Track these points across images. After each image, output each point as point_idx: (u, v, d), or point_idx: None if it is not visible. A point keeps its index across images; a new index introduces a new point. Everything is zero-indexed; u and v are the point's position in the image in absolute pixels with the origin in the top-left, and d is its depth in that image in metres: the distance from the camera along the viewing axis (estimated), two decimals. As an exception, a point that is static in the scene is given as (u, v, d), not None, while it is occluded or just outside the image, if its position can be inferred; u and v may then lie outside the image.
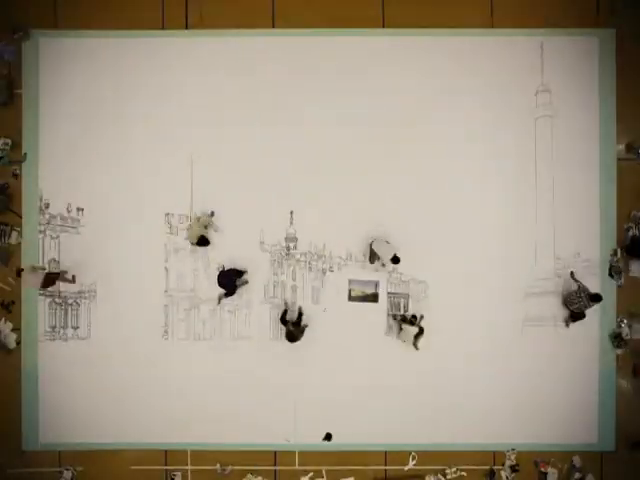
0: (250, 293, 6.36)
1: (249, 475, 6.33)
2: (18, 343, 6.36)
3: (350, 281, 6.37)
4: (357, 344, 6.34)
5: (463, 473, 6.31)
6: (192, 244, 6.25)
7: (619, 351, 6.29)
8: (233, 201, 6.35)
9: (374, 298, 6.34)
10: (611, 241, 6.31)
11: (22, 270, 6.14)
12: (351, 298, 6.36)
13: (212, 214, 6.29)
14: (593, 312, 6.21)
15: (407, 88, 6.35)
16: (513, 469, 6.27)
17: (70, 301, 6.38)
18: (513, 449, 6.29)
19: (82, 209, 6.37)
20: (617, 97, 6.30)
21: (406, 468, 6.29)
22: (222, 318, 6.39)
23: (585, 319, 6.19)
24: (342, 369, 6.29)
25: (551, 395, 6.27)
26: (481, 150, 6.34)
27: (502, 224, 6.34)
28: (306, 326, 6.15)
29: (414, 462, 6.28)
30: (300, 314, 6.27)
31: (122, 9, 6.34)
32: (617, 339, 6.25)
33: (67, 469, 6.31)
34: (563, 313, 6.28)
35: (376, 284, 6.35)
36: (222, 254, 6.34)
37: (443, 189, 6.35)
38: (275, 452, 6.35)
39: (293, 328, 6.02)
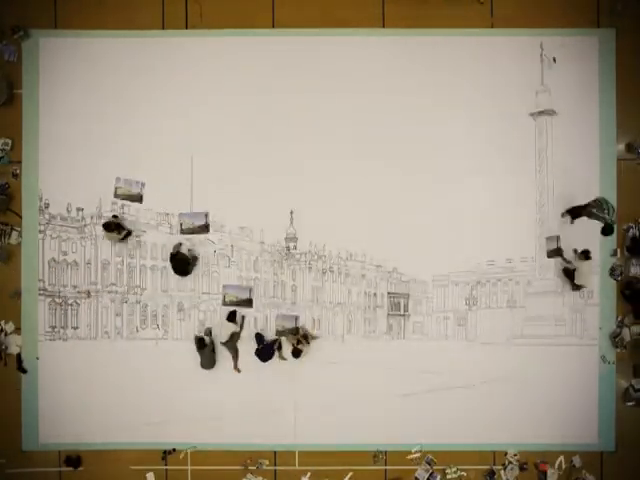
0: (250, 293, 6.38)
1: (249, 475, 6.33)
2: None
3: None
4: (357, 344, 6.35)
5: (463, 473, 6.31)
6: None
7: (619, 351, 6.30)
8: (233, 201, 6.35)
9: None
10: (611, 241, 6.31)
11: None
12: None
13: None
14: (593, 312, 6.26)
15: (407, 88, 6.34)
16: (522, 468, 6.27)
17: (70, 301, 6.39)
18: (516, 454, 6.28)
19: (82, 209, 6.38)
20: (617, 97, 6.30)
21: (410, 457, 6.28)
22: (222, 318, 6.38)
23: (585, 319, 6.24)
24: (342, 369, 6.29)
25: (551, 395, 6.27)
26: (481, 150, 6.34)
27: (502, 224, 6.34)
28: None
29: (417, 450, 6.28)
30: None
31: (122, 9, 6.34)
32: (617, 339, 6.25)
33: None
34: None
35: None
36: (222, 254, 6.39)
37: (443, 188, 6.34)
38: (275, 452, 6.35)
39: None
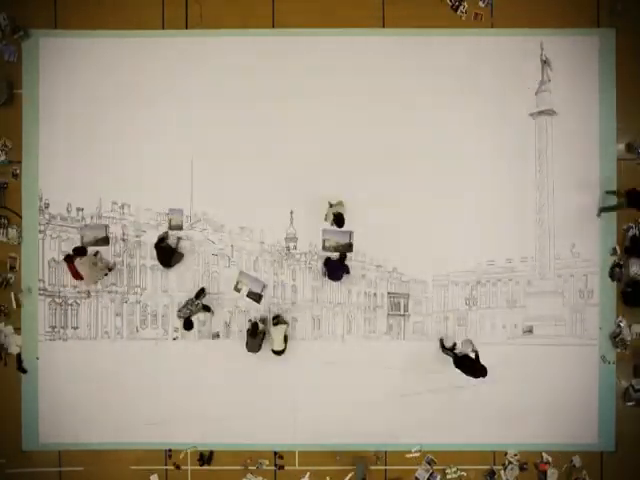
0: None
1: (249, 475, 6.33)
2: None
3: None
4: (357, 344, 6.35)
5: (463, 473, 6.31)
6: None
7: (619, 351, 6.29)
8: (233, 201, 6.36)
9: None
10: (611, 241, 6.31)
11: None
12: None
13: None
14: (593, 312, 6.27)
15: (407, 88, 6.35)
16: (522, 468, 6.28)
17: (70, 301, 6.39)
18: (516, 454, 6.29)
19: (82, 209, 6.38)
20: (617, 97, 6.30)
21: (409, 455, 6.30)
22: (223, 318, 6.39)
23: (585, 319, 6.24)
24: (342, 369, 6.29)
25: (551, 395, 6.27)
26: (481, 150, 6.34)
27: (502, 224, 6.34)
28: None
29: (417, 450, 6.29)
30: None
31: (122, 9, 6.34)
32: (617, 339, 6.25)
33: None
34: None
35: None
36: (222, 254, 6.39)
37: (443, 188, 6.34)
38: (275, 452, 6.35)
39: None
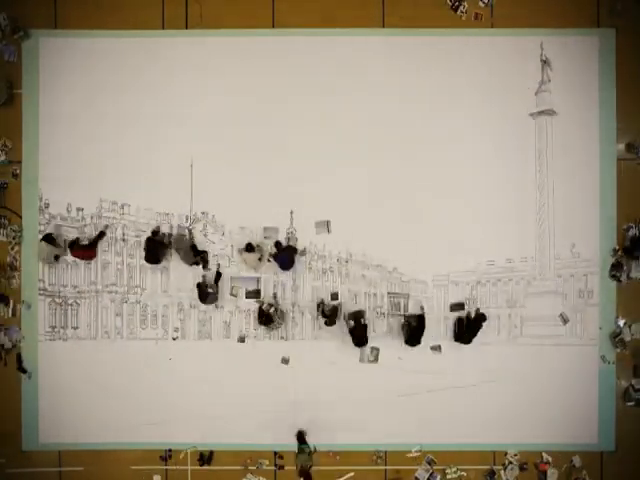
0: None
1: (249, 475, 6.33)
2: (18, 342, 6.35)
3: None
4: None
5: (463, 473, 6.31)
6: None
7: (619, 351, 6.29)
8: (233, 201, 6.35)
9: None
10: (611, 241, 6.31)
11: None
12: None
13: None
14: (593, 312, 6.27)
15: (406, 88, 6.34)
16: (522, 468, 6.27)
17: (70, 301, 6.39)
18: (516, 454, 6.28)
19: (82, 209, 6.38)
20: (617, 97, 6.29)
21: (410, 455, 6.29)
22: (222, 318, 6.39)
23: (585, 319, 6.24)
24: (342, 369, 6.29)
25: (551, 395, 6.27)
26: (481, 150, 6.34)
27: (502, 224, 6.34)
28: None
29: (417, 450, 6.28)
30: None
31: (122, 9, 6.33)
32: (617, 339, 6.24)
33: None
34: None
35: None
36: (222, 254, 6.39)
37: (442, 189, 6.34)
38: (275, 452, 6.35)
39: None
